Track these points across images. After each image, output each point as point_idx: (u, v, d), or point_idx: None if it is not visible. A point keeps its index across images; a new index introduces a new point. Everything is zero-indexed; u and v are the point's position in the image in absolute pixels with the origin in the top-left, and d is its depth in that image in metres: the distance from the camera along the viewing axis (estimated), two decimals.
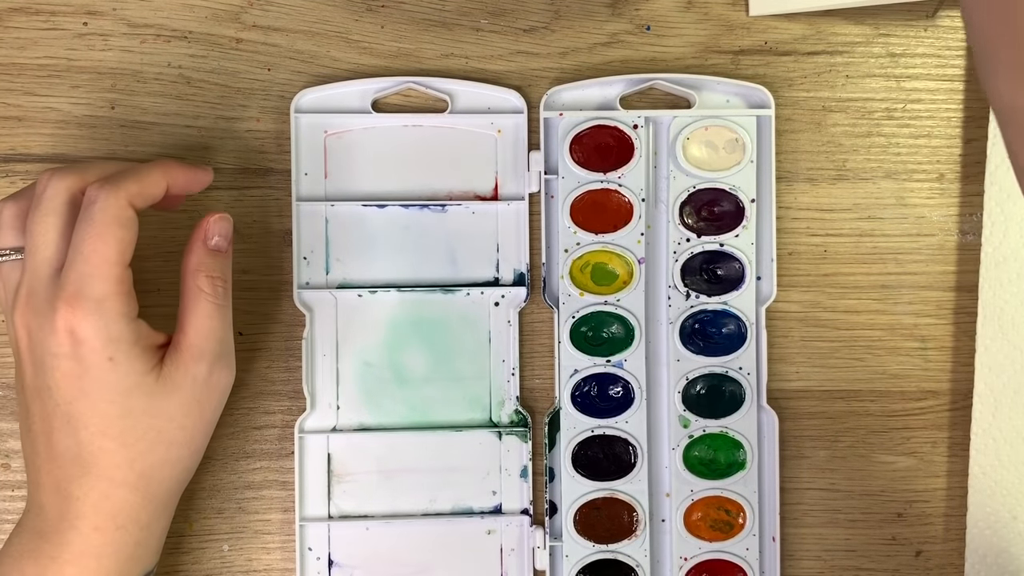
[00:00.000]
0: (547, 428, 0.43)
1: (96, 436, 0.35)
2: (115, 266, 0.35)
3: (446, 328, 0.43)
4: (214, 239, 0.38)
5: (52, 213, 0.36)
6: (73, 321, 0.34)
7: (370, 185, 0.43)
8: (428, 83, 0.43)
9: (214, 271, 0.37)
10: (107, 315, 0.35)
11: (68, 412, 0.35)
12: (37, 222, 0.36)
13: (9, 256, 0.37)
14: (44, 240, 0.35)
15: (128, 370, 0.35)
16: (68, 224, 0.36)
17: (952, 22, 0.44)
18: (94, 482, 0.36)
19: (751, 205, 0.43)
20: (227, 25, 0.43)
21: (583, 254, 0.43)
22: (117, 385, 0.35)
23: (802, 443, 0.44)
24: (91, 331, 0.34)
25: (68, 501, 0.36)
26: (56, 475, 0.36)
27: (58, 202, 0.36)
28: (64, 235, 0.35)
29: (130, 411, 0.35)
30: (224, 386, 0.38)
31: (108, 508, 0.36)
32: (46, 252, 0.35)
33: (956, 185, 0.45)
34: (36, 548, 0.36)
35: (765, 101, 0.43)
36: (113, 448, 0.35)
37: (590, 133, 0.43)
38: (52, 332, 0.34)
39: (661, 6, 0.44)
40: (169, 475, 0.37)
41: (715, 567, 0.43)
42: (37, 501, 0.37)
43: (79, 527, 0.36)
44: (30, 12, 0.42)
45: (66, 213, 0.36)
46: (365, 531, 0.42)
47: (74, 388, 0.35)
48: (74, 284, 0.34)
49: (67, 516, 0.36)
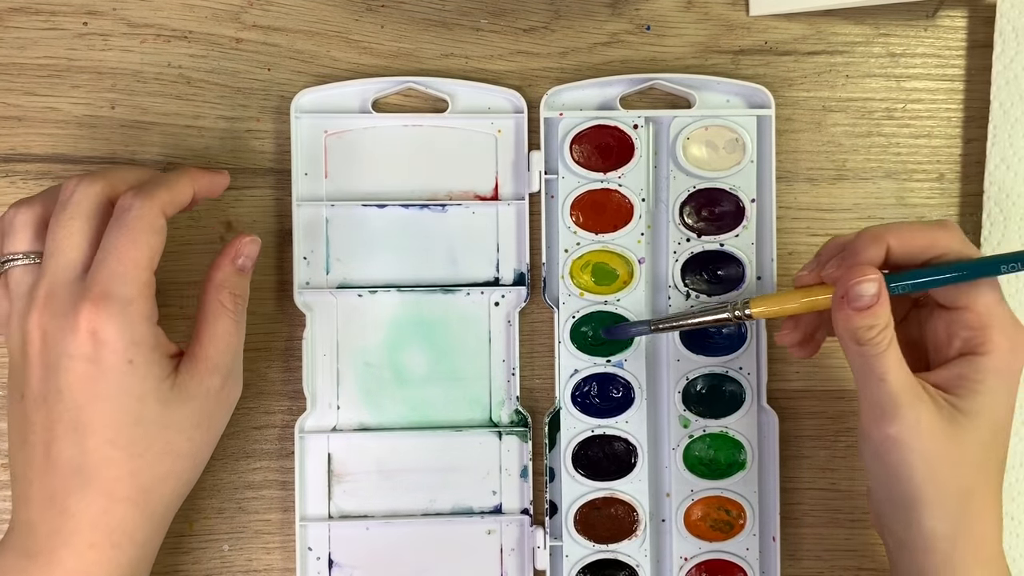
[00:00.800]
0: (547, 428, 0.43)
1: (103, 444, 0.35)
2: (144, 271, 0.35)
3: (446, 328, 0.43)
4: (241, 259, 0.38)
5: (79, 217, 0.35)
6: (97, 322, 0.34)
7: (370, 185, 0.43)
8: (428, 83, 0.43)
9: (237, 289, 0.38)
10: (132, 317, 0.34)
11: (76, 418, 0.34)
12: (63, 225, 0.35)
13: (19, 260, 0.36)
14: (69, 243, 0.35)
15: (146, 374, 0.35)
16: (94, 229, 0.36)
17: (952, 22, 0.44)
18: (94, 496, 0.35)
19: (751, 205, 0.43)
20: (227, 25, 0.43)
21: (583, 254, 0.43)
22: (133, 390, 0.35)
23: (802, 443, 0.44)
24: (115, 332, 0.34)
25: (63, 516, 0.35)
26: (51, 488, 0.35)
27: (85, 207, 0.36)
28: (90, 239, 0.35)
29: (142, 418, 0.35)
30: (233, 400, 0.39)
31: (106, 524, 0.35)
32: (71, 255, 0.35)
33: (956, 185, 0.45)
34: (22, 569, 0.35)
35: (765, 101, 0.43)
36: (119, 458, 0.35)
37: (590, 133, 0.43)
38: (72, 332, 0.34)
39: (661, 6, 0.44)
40: (171, 490, 0.37)
41: (715, 567, 0.43)
42: (24, 519, 0.35)
43: (73, 544, 0.35)
44: (30, 12, 0.42)
45: (93, 218, 0.36)
46: (365, 531, 0.42)
47: (88, 392, 0.34)
48: (102, 285, 0.34)
49: (61, 532, 0.35)
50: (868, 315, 0.33)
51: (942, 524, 0.34)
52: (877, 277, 0.34)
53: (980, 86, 0.44)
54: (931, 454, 0.34)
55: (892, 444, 0.34)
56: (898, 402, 0.34)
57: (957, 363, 0.35)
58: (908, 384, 0.34)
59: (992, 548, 0.35)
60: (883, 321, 0.34)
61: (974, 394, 0.34)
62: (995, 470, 0.35)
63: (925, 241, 0.35)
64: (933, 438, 0.34)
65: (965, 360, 0.35)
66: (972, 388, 0.34)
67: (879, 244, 0.34)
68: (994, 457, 0.35)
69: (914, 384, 0.34)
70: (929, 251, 0.35)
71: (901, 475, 0.34)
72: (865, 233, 0.35)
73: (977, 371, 0.34)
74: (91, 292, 0.34)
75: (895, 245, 0.34)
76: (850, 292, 0.34)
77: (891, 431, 0.34)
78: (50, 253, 0.35)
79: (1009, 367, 0.35)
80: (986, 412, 0.34)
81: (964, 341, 0.35)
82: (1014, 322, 0.35)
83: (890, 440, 0.34)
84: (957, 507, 0.34)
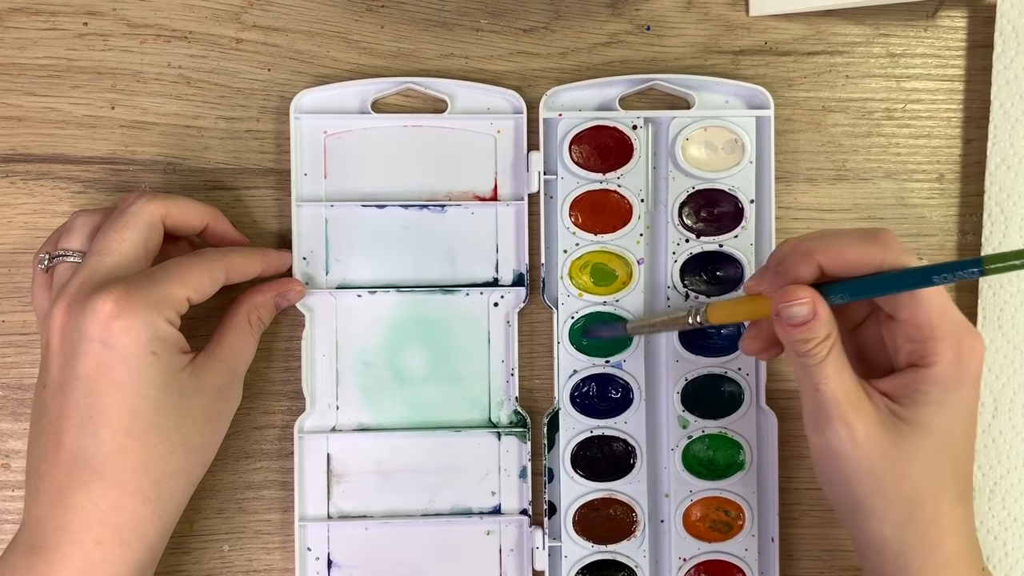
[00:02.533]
0: (546, 428, 0.43)
1: (119, 434, 0.35)
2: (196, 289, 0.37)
3: (445, 328, 0.43)
4: (284, 299, 0.41)
5: (131, 228, 0.37)
6: (123, 311, 0.34)
7: (370, 185, 0.43)
8: (428, 83, 0.43)
9: (266, 316, 0.41)
10: (161, 311, 0.35)
11: (92, 406, 0.34)
12: (115, 230, 0.37)
13: (68, 257, 0.38)
14: (116, 248, 0.37)
15: (168, 365, 0.36)
16: (142, 242, 0.37)
17: (952, 22, 0.44)
18: (104, 490, 0.35)
19: (750, 206, 0.43)
20: (227, 25, 0.43)
21: (582, 254, 0.43)
22: (155, 379, 0.35)
23: (802, 443, 0.44)
24: (141, 324, 0.35)
25: (71, 511, 0.35)
26: (60, 482, 0.35)
27: (139, 219, 0.37)
28: (135, 248, 0.37)
29: (161, 407, 0.35)
30: (234, 406, 0.40)
31: (115, 520, 0.35)
32: (112, 259, 0.37)
33: (956, 185, 0.45)
34: (28, 566, 0.35)
35: (764, 102, 0.43)
36: (134, 448, 0.35)
37: (589, 134, 0.43)
38: (93, 317, 0.34)
39: (661, 6, 0.44)
40: (181, 487, 0.37)
41: (714, 567, 0.43)
42: (34, 514, 0.35)
43: (80, 540, 0.35)
44: (30, 12, 0.42)
45: (143, 231, 0.37)
46: (364, 531, 0.43)
47: (105, 379, 0.34)
48: (142, 279, 0.36)
49: (67, 529, 0.35)
50: (804, 330, 0.33)
51: (888, 529, 0.34)
52: (808, 298, 0.33)
53: (980, 86, 0.44)
54: (870, 463, 0.34)
55: (827, 453, 0.34)
56: (831, 413, 0.34)
57: (904, 373, 0.35)
58: (845, 394, 0.34)
59: (948, 552, 0.35)
60: (820, 334, 0.33)
61: (918, 405, 0.34)
62: (948, 477, 0.35)
63: (855, 255, 0.34)
64: (872, 448, 0.34)
65: (911, 371, 0.34)
66: (916, 399, 0.34)
67: (808, 263, 0.34)
68: (947, 465, 0.34)
69: (853, 394, 0.34)
70: (862, 264, 0.34)
71: (838, 482, 0.35)
72: (795, 251, 0.34)
73: (921, 382, 0.34)
74: (127, 283, 0.35)
75: (826, 263, 0.34)
76: (782, 313, 0.33)
77: (824, 440, 0.34)
78: (93, 251, 0.37)
79: (956, 378, 0.34)
80: (932, 422, 0.34)
81: (908, 353, 0.34)
82: (960, 330, 0.34)
83: (825, 449, 0.34)
84: (904, 514, 0.34)
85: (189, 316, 0.39)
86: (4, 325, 0.43)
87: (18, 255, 0.43)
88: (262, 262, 0.41)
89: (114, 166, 0.43)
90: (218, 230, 0.41)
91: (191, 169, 0.43)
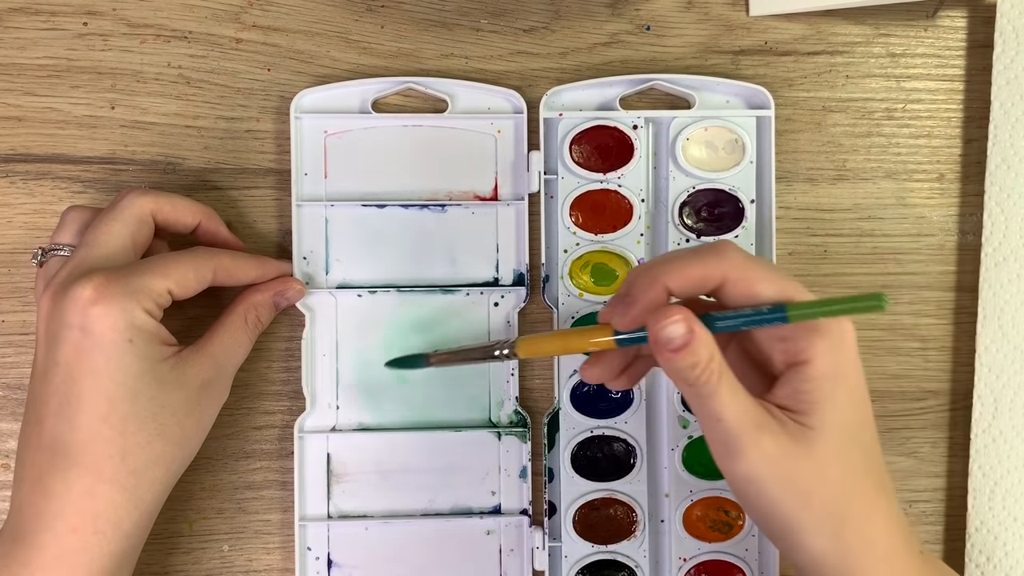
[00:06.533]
0: (546, 428, 0.43)
1: (94, 420, 0.35)
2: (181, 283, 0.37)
3: (445, 328, 0.43)
4: (283, 298, 0.41)
5: (119, 221, 0.37)
6: (102, 297, 0.35)
7: (370, 185, 0.43)
8: (428, 83, 0.43)
9: (264, 315, 0.41)
10: (140, 300, 0.35)
11: (70, 391, 0.35)
12: (104, 223, 0.37)
13: (60, 251, 0.38)
14: (103, 240, 0.37)
15: (146, 354, 0.36)
16: (130, 236, 0.37)
17: (952, 22, 0.44)
18: (79, 475, 0.35)
19: (751, 206, 0.43)
20: (227, 25, 0.43)
21: (583, 254, 0.43)
22: (131, 367, 0.35)
23: None
24: (118, 311, 0.35)
25: (47, 497, 0.35)
26: (39, 467, 0.35)
27: (128, 213, 0.38)
28: (123, 242, 0.37)
29: (138, 395, 0.35)
30: (219, 404, 0.39)
31: (90, 507, 0.35)
32: (99, 250, 0.37)
33: (956, 185, 0.45)
34: (8, 554, 0.35)
35: (765, 102, 0.43)
36: (110, 436, 0.35)
37: (590, 133, 0.43)
38: (73, 303, 0.35)
39: (661, 6, 0.44)
40: (159, 477, 0.37)
41: (714, 567, 0.43)
42: (17, 502, 0.36)
43: (55, 527, 0.34)
44: (30, 12, 0.42)
45: (131, 224, 0.38)
46: (364, 531, 0.43)
47: (83, 364, 0.35)
48: (124, 268, 0.36)
49: (44, 515, 0.35)
50: (686, 353, 0.31)
51: (823, 541, 0.33)
52: (680, 316, 0.31)
53: (980, 86, 0.44)
54: (791, 479, 0.32)
55: (745, 480, 0.33)
56: (741, 440, 0.32)
57: (787, 377, 0.33)
58: (747, 416, 0.32)
59: (886, 544, 0.34)
60: (703, 355, 0.31)
61: (812, 404, 0.33)
62: (862, 471, 0.33)
63: (698, 272, 0.32)
64: (789, 464, 0.32)
65: (793, 372, 0.33)
66: (808, 400, 0.33)
67: (655, 287, 0.33)
68: (858, 458, 0.33)
69: (755, 415, 0.32)
70: (706, 280, 0.33)
71: (763, 506, 0.33)
72: (640, 278, 0.33)
73: (806, 381, 0.32)
74: (109, 272, 0.35)
75: (672, 284, 0.33)
76: (659, 338, 0.31)
77: (740, 468, 0.32)
78: (82, 244, 0.37)
79: (836, 367, 0.33)
80: (833, 419, 0.33)
81: (783, 352, 0.33)
82: None
83: (742, 477, 0.33)
84: (837, 521, 0.33)
85: (189, 314, 0.39)
86: (4, 325, 0.43)
87: (18, 255, 0.43)
88: (257, 268, 0.41)
89: (114, 166, 0.43)
90: (210, 229, 0.41)
91: (191, 169, 0.43)
